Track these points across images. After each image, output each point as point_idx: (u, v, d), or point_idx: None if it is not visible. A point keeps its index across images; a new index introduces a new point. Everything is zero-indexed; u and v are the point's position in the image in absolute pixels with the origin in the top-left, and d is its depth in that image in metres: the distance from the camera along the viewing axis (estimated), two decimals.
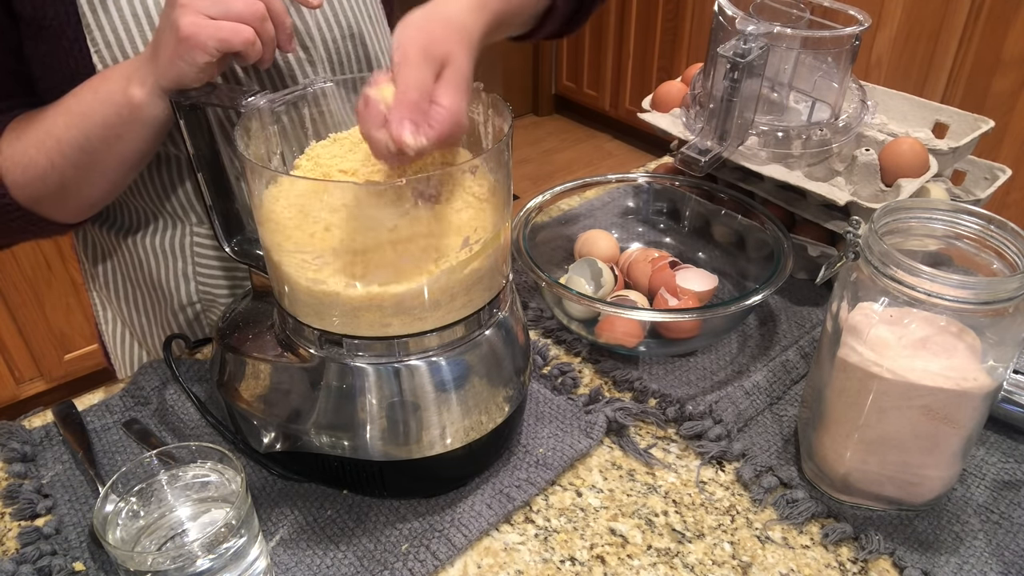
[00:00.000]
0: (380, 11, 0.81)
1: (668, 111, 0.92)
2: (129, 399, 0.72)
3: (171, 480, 0.56)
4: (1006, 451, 0.67)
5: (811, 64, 0.82)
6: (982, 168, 0.88)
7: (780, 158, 0.83)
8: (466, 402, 0.59)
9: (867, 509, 0.63)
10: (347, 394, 0.57)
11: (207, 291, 0.79)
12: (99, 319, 0.89)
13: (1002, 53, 2.01)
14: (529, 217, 0.85)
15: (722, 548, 0.60)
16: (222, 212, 0.65)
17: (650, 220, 0.96)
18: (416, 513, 0.62)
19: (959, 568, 0.58)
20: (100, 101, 0.62)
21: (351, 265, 0.53)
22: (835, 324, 0.60)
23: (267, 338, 0.61)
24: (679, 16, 2.85)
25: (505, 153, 0.55)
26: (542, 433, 0.69)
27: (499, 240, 0.57)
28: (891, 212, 0.59)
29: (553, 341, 0.81)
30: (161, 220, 0.77)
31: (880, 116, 0.91)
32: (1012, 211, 2.10)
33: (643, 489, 0.65)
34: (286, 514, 0.62)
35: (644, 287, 0.84)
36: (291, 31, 0.61)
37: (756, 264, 0.84)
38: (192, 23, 0.55)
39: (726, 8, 0.79)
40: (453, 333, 0.57)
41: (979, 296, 0.52)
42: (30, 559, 0.58)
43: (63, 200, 0.68)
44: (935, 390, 0.55)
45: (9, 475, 0.65)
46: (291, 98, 0.60)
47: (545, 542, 0.61)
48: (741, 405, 0.71)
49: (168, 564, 0.49)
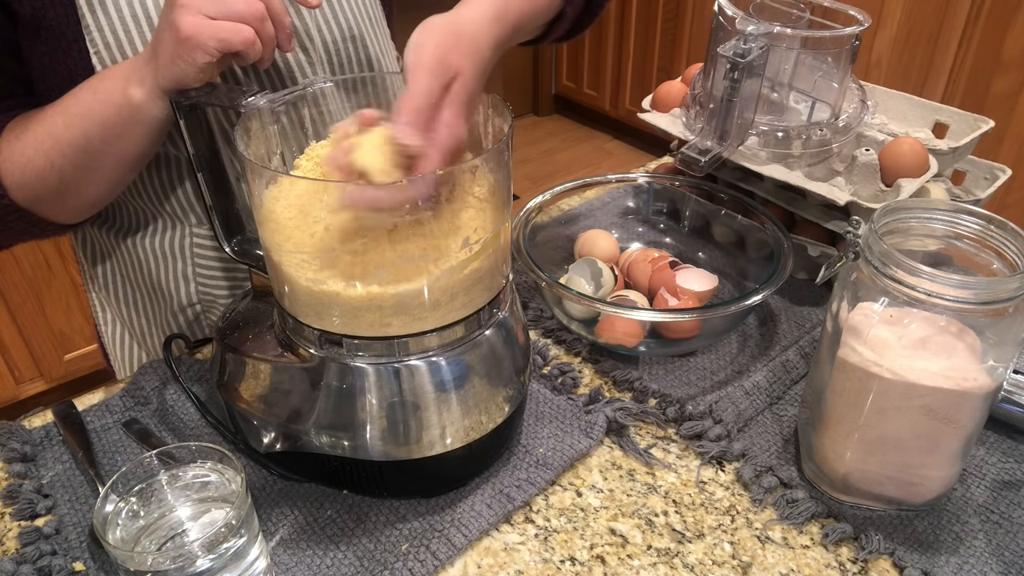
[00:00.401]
0: (380, 13, 0.81)
1: (668, 111, 0.92)
2: (129, 399, 0.72)
3: (171, 480, 0.56)
4: (1006, 451, 0.67)
5: (811, 64, 0.82)
6: (982, 168, 0.88)
7: (780, 158, 0.83)
8: (466, 402, 0.59)
9: (867, 509, 0.63)
10: (347, 394, 0.57)
11: (207, 292, 0.79)
12: (98, 320, 0.89)
13: (1002, 53, 2.01)
14: (529, 217, 0.85)
15: (722, 548, 0.60)
16: (222, 212, 0.65)
17: (650, 220, 0.96)
18: (416, 513, 0.62)
19: (959, 568, 0.58)
20: (99, 101, 0.62)
21: (351, 265, 0.53)
22: (835, 324, 0.60)
23: (267, 338, 0.61)
24: (679, 16, 2.85)
25: (505, 153, 0.55)
26: (542, 433, 0.69)
27: (499, 240, 0.57)
28: (891, 212, 0.59)
29: (553, 341, 0.81)
30: (161, 221, 0.77)
31: (880, 116, 0.91)
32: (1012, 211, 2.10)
33: (643, 489, 0.65)
34: (286, 514, 0.62)
35: (644, 287, 0.84)
36: (291, 31, 0.61)
37: (756, 264, 0.84)
38: (192, 23, 0.55)
39: (726, 8, 0.79)
40: (453, 333, 0.57)
41: (979, 296, 0.52)
42: (30, 559, 0.58)
43: (62, 200, 0.68)
44: (935, 390, 0.55)
45: (9, 475, 0.65)
46: (291, 98, 0.60)
47: (545, 542, 0.61)
48: (741, 405, 0.71)
49: (168, 564, 0.49)
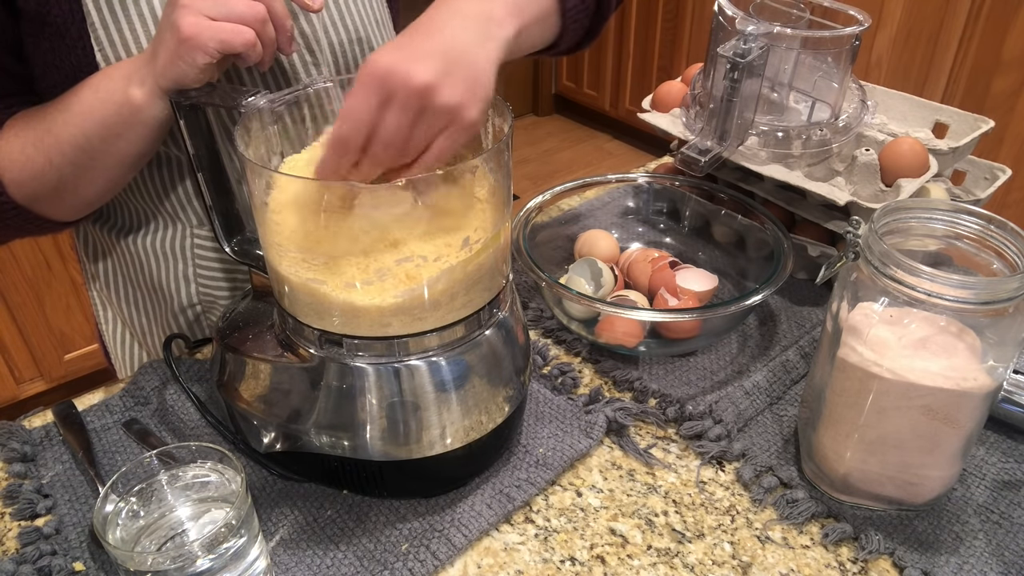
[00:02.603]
0: (386, 15, 0.80)
1: (668, 111, 0.92)
2: (129, 399, 0.72)
3: (171, 480, 0.56)
4: (1006, 451, 0.67)
5: (811, 64, 0.82)
6: (982, 168, 0.88)
7: (780, 158, 0.83)
8: (466, 402, 0.59)
9: (867, 509, 0.63)
10: (347, 394, 0.57)
11: (208, 293, 0.79)
12: (99, 319, 0.89)
13: (1002, 53, 2.01)
14: (529, 217, 0.85)
15: (722, 548, 0.60)
16: (222, 212, 0.65)
17: (650, 220, 0.96)
18: (416, 513, 0.62)
19: (959, 568, 0.58)
20: (100, 100, 0.62)
21: (351, 265, 0.53)
22: (835, 324, 0.60)
23: (267, 338, 0.61)
24: (679, 16, 2.85)
25: (505, 153, 0.55)
26: (542, 433, 0.69)
27: (499, 240, 0.57)
28: (891, 212, 0.59)
29: (553, 341, 0.81)
30: (160, 220, 0.77)
31: (880, 116, 0.91)
32: (1012, 211, 2.10)
33: (643, 489, 0.65)
34: (286, 514, 0.62)
35: (644, 287, 0.84)
36: (292, 34, 0.61)
37: (756, 264, 0.84)
38: (193, 23, 0.55)
39: (726, 8, 0.79)
40: (453, 333, 0.57)
41: (979, 296, 0.52)
42: (30, 559, 0.58)
43: (60, 199, 0.68)
44: (935, 390, 0.55)
45: (9, 475, 0.65)
46: (291, 98, 0.60)
47: (545, 542, 0.61)
48: (741, 405, 0.71)
49: (168, 564, 0.49)
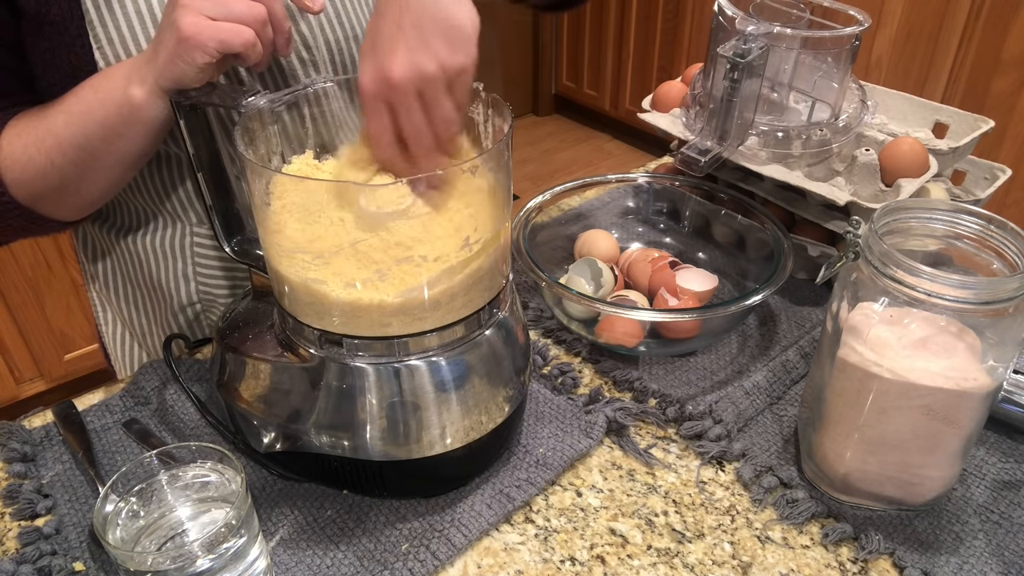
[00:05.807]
0: None
1: (668, 111, 0.92)
2: (129, 399, 0.72)
3: (171, 480, 0.56)
4: (1006, 451, 0.67)
5: (811, 64, 0.82)
6: (982, 168, 0.88)
7: (780, 158, 0.83)
8: (466, 402, 0.59)
9: (867, 509, 0.63)
10: (347, 394, 0.57)
11: (207, 292, 0.79)
12: (99, 319, 0.89)
13: (1002, 53, 2.01)
14: (529, 217, 0.85)
15: (722, 548, 0.60)
16: (222, 212, 0.65)
17: (650, 220, 0.96)
18: (416, 513, 0.62)
19: (959, 568, 0.58)
20: (100, 100, 0.62)
21: (351, 265, 0.52)
22: (835, 324, 0.60)
23: (267, 338, 0.61)
24: (679, 16, 2.85)
25: (505, 153, 0.55)
26: (542, 433, 0.69)
27: (499, 240, 0.57)
28: (891, 212, 0.59)
29: (553, 341, 0.81)
30: (161, 220, 0.77)
31: (880, 116, 0.91)
32: (1012, 211, 2.10)
33: (643, 489, 0.65)
34: (286, 514, 0.62)
35: (644, 287, 0.84)
36: (290, 36, 0.61)
37: (756, 264, 0.84)
38: (192, 23, 0.55)
39: (726, 8, 0.79)
40: (453, 333, 0.57)
41: (979, 296, 0.52)
42: (30, 559, 0.58)
43: (62, 198, 0.68)
44: (935, 390, 0.55)
45: (9, 475, 0.65)
46: (291, 98, 0.60)
47: (545, 542, 0.61)
48: (741, 405, 0.71)
49: (168, 564, 0.49)
